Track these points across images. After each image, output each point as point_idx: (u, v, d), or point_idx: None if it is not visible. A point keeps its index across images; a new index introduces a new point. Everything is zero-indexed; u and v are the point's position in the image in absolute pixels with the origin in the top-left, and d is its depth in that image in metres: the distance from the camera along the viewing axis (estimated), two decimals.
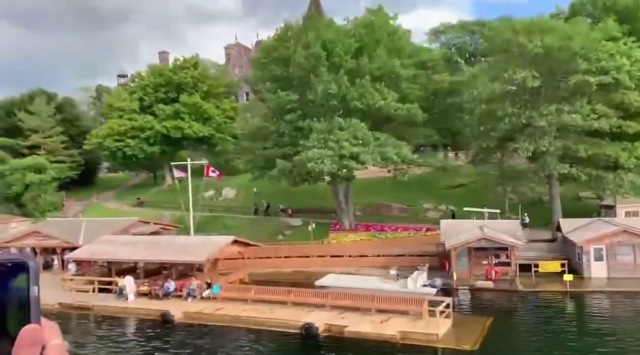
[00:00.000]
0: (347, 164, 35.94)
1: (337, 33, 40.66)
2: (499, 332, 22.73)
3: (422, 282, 29.52)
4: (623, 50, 35.47)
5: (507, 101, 36.51)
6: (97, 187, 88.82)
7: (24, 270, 0.94)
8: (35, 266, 0.96)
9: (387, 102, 38.04)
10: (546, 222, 41.73)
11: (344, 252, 40.76)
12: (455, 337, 21.85)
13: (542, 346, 21.03)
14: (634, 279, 30.85)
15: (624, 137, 39.64)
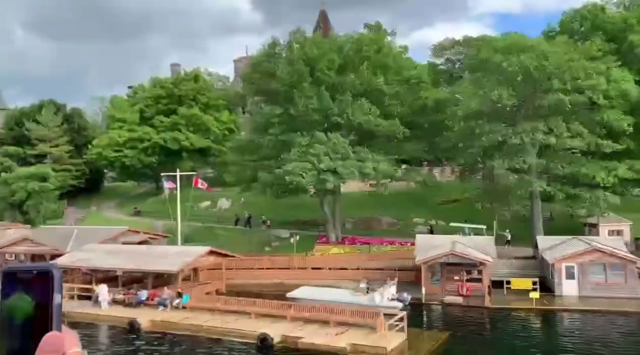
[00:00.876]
0: (324, 177, 36.56)
1: (321, 49, 41.57)
2: (451, 348, 22.97)
3: (389, 296, 29.86)
4: (601, 70, 35.73)
5: (485, 118, 36.92)
6: (103, 196, 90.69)
7: (48, 278, 0.98)
8: (59, 275, 1.00)
9: (367, 117, 38.68)
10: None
11: (324, 265, 41.18)
12: (403, 351, 22.15)
13: None
14: (605, 298, 30.78)
15: (607, 155, 39.77)
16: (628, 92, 35.17)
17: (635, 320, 27.54)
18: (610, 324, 26.96)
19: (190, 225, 59.26)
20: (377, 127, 39.54)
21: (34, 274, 0.99)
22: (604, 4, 50.60)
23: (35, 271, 0.99)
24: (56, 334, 0.96)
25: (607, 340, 24.58)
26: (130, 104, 73.37)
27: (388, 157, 41.73)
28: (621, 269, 31.43)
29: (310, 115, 39.25)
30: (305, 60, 40.15)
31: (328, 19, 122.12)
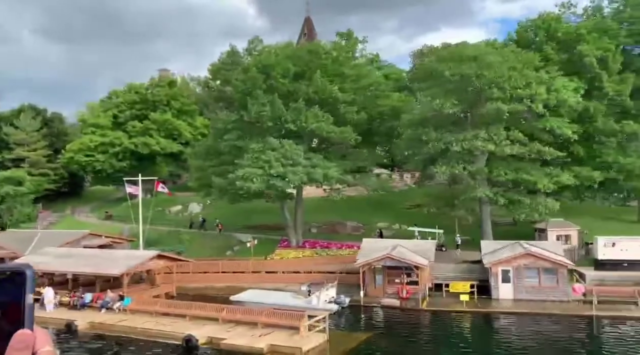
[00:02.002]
0: (274, 183, 37.43)
1: (277, 57, 42.54)
2: (370, 348, 23.86)
3: (326, 299, 30.74)
4: (543, 79, 36.83)
5: (431, 126, 37.94)
6: (82, 200, 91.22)
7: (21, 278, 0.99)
8: (31, 275, 1.00)
9: (319, 125, 39.62)
10: None
11: (278, 269, 41.98)
12: (324, 351, 23.00)
13: None
14: (539, 301, 31.77)
15: (553, 163, 40.91)
16: (567, 101, 36.23)
17: (559, 322, 28.46)
18: (534, 326, 27.89)
19: (157, 230, 60.09)
20: (329, 133, 40.47)
21: (7, 274, 1.01)
22: (560, 14, 51.98)
23: (8, 271, 1.01)
24: (27, 332, 0.97)
25: (526, 341, 25.52)
26: (104, 109, 74.11)
27: (344, 163, 42.66)
28: (554, 273, 32.45)
29: (264, 122, 40.15)
30: (260, 68, 41.08)
31: (313, 25, 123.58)
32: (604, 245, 37.32)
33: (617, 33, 49.61)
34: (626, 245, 36.99)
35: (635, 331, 26.93)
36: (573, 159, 44.09)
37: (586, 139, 43.36)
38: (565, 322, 28.35)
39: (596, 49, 43.87)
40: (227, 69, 43.61)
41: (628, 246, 36.90)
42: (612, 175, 41.48)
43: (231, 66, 44.93)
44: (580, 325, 27.99)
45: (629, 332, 26.79)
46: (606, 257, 36.88)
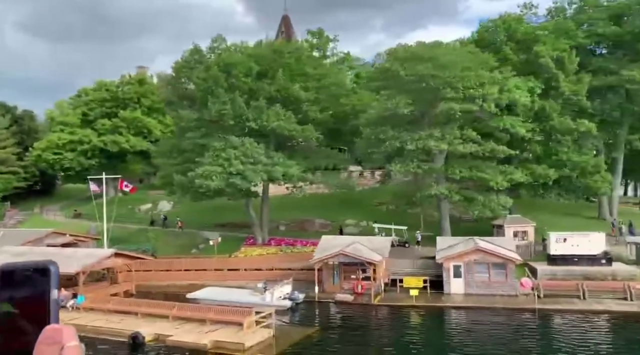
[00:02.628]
0: (233, 181, 37.73)
1: (239, 56, 42.78)
2: (312, 342, 24.43)
3: (280, 295, 31.26)
4: (496, 79, 37.74)
5: (388, 125, 38.62)
6: (54, 198, 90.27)
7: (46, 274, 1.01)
8: (56, 271, 1.03)
9: (279, 123, 40.01)
10: None
11: (240, 266, 42.34)
12: (266, 347, 23.52)
13: None
14: (488, 296, 32.72)
15: (507, 160, 42.00)
16: (518, 101, 37.22)
17: (504, 316, 29.40)
18: (478, 319, 28.80)
19: (126, 228, 59.97)
20: (290, 132, 40.89)
21: (32, 271, 1.02)
22: (522, 14, 53.13)
23: (33, 268, 1.02)
24: (55, 327, 1.00)
25: (470, 334, 26.37)
26: (73, 107, 73.39)
27: (306, 162, 43.16)
28: (503, 268, 33.42)
29: (225, 120, 40.39)
30: (222, 67, 41.28)
31: (291, 23, 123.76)
32: (555, 241, 38.50)
33: (576, 34, 50.98)
34: (577, 240, 38.21)
35: (575, 323, 27.97)
36: (533, 156, 45.32)
37: (543, 137, 44.50)
38: (511, 316, 29.31)
39: (552, 50, 45.04)
40: (191, 67, 43.68)
41: (578, 242, 38.13)
42: (566, 173, 42.65)
43: (194, 64, 44.99)
44: (524, 318, 28.95)
45: (569, 324, 27.83)
46: (558, 252, 38.05)
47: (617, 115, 52.09)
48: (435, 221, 47.98)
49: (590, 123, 44.03)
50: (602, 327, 27.00)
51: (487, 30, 49.42)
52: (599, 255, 37.69)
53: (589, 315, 28.71)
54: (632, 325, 27.36)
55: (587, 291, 31.54)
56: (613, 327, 27.01)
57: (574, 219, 58.07)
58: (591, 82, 50.20)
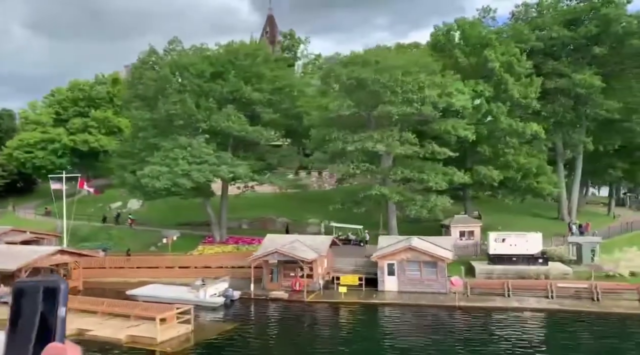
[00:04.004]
0: (178, 181, 38.65)
1: (192, 57, 43.67)
2: (227, 337, 25.43)
3: (214, 292, 32.23)
4: (436, 82, 38.69)
5: (335, 127, 39.58)
6: (33, 196, 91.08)
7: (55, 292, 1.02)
8: (65, 289, 1.03)
9: (228, 124, 40.93)
10: None
11: (190, 264, 43.26)
12: (183, 341, 24.49)
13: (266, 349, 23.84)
14: (419, 293, 33.75)
15: (459, 162, 43.03)
16: (455, 104, 38.20)
17: (431, 312, 30.44)
18: (404, 316, 29.83)
19: (91, 226, 60.98)
20: (240, 133, 41.81)
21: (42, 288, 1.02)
22: (480, 18, 54.12)
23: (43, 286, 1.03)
24: (58, 345, 0.99)
25: (393, 329, 27.39)
26: (47, 106, 74.23)
27: (256, 163, 44.11)
28: (433, 266, 34.43)
29: (175, 121, 41.30)
30: (173, 68, 42.17)
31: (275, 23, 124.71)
32: (494, 241, 39.54)
33: (529, 38, 52.02)
34: (515, 240, 39.26)
35: (488, 319, 28.99)
36: (483, 158, 46.33)
37: (492, 139, 45.50)
38: (432, 312, 30.31)
39: (501, 54, 46.02)
40: (146, 68, 44.56)
41: (516, 241, 39.18)
42: (511, 174, 43.68)
43: (151, 66, 45.86)
44: (444, 314, 29.94)
45: (485, 320, 28.86)
46: (497, 251, 39.10)
47: (571, 117, 53.23)
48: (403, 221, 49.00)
49: (537, 125, 45.08)
50: (514, 323, 27.99)
51: (441, 34, 50.26)
52: (536, 254, 38.75)
53: (508, 312, 29.75)
54: (547, 320, 28.41)
55: (512, 289, 32.57)
56: (526, 323, 28.00)
57: (535, 219, 59.28)
58: (543, 85, 51.40)
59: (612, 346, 23.91)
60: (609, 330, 26.49)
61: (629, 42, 50.04)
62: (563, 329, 26.87)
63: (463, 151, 47.09)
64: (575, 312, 29.18)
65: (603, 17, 51.47)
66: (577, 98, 51.81)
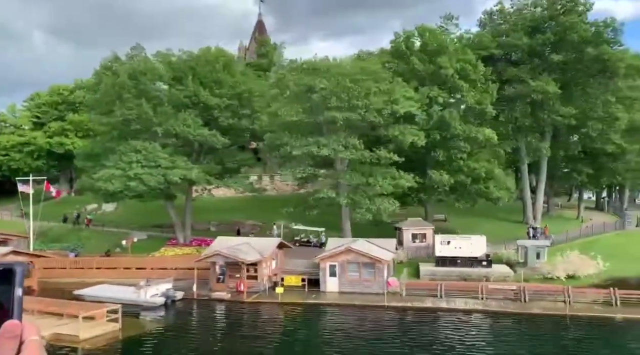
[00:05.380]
0: (130, 184, 39.74)
1: (153, 63, 44.87)
2: (153, 335, 26.45)
3: (154, 293, 33.25)
4: (383, 89, 39.72)
5: (286, 132, 40.66)
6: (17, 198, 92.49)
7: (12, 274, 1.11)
8: (21, 271, 1.13)
9: (183, 128, 42.06)
10: None
11: (147, 265, 44.22)
12: (109, 339, 25.52)
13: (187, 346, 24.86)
14: (358, 294, 34.72)
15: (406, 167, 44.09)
16: (399, 110, 39.24)
17: (365, 312, 31.42)
18: (335, 316, 30.82)
19: (62, 227, 62.23)
20: (195, 137, 42.93)
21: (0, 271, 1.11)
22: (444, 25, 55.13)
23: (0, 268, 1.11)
24: (15, 322, 1.06)
25: (310, 326, 28.38)
26: (26, 110, 75.63)
27: (213, 167, 45.22)
28: (372, 267, 35.40)
29: (132, 125, 42.45)
30: (131, 74, 43.35)
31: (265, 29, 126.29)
32: (440, 243, 40.55)
33: (489, 45, 53.11)
34: (459, 243, 40.28)
35: (423, 318, 29.93)
36: (437, 162, 47.32)
37: (445, 144, 46.47)
38: (365, 312, 31.27)
39: (457, 61, 47.05)
40: (107, 74, 45.74)
41: (461, 244, 40.19)
42: (461, 178, 44.64)
43: (114, 71, 47.01)
44: (373, 313, 30.88)
45: (410, 319, 29.84)
46: (442, 254, 40.12)
47: (530, 123, 54.20)
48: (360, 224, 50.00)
49: (490, 131, 46.02)
50: (432, 322, 28.96)
51: (401, 42, 51.24)
52: (480, 257, 39.71)
53: (434, 313, 30.71)
54: (465, 320, 29.32)
55: (445, 290, 33.51)
56: (449, 322, 28.91)
57: (499, 223, 60.31)
58: (503, 91, 52.44)
59: (512, 344, 24.86)
60: (522, 329, 27.46)
61: (585, 50, 51.04)
62: (478, 328, 27.85)
63: (421, 156, 48.17)
64: (497, 312, 30.14)
65: (561, 26, 52.58)
66: (535, 104, 52.82)
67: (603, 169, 63.66)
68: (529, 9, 56.85)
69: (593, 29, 52.33)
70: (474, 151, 47.44)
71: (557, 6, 54.39)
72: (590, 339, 26.01)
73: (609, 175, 64.68)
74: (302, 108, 38.75)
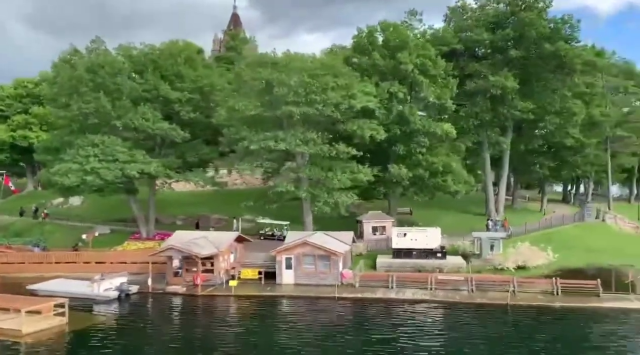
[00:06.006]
0: (86, 178, 39.52)
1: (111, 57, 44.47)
2: (98, 328, 26.63)
3: (107, 287, 33.34)
4: (341, 84, 40.09)
5: (244, 125, 40.83)
6: None
7: None
8: None
9: (141, 122, 41.87)
10: None
11: (106, 260, 44.08)
12: (56, 333, 25.61)
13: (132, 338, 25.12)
14: (314, 286, 35.32)
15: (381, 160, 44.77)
16: (356, 106, 39.74)
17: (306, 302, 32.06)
18: (286, 307, 31.38)
19: (28, 221, 61.50)
20: (154, 131, 42.80)
21: None
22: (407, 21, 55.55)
23: None
24: None
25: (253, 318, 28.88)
26: None
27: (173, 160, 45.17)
28: (327, 260, 36.01)
29: (90, 118, 42.11)
30: (89, 67, 42.92)
31: (240, 21, 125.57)
32: (397, 236, 41.34)
33: (451, 41, 53.85)
34: (415, 235, 41.13)
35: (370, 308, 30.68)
36: (397, 157, 47.98)
37: (405, 138, 47.16)
38: (315, 303, 31.88)
39: (417, 57, 47.63)
40: (65, 67, 45.15)
41: (417, 236, 41.06)
42: (419, 172, 45.43)
43: (71, 64, 46.41)
44: (327, 305, 31.49)
45: (367, 310, 30.55)
46: (399, 246, 40.91)
47: (490, 117, 55.31)
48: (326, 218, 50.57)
49: (449, 125, 46.84)
50: (384, 312, 29.74)
51: (363, 37, 51.55)
52: (435, 249, 40.64)
53: (387, 303, 31.50)
54: (415, 309, 30.13)
55: (396, 282, 34.32)
56: (394, 312, 29.68)
57: (463, 215, 61.53)
58: (463, 87, 53.35)
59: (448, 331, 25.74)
60: (463, 318, 28.40)
61: (543, 46, 52.16)
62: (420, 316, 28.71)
63: (384, 150, 48.85)
64: (442, 302, 31.11)
65: (521, 22, 53.59)
66: (495, 99, 53.90)
67: (564, 162, 65.47)
68: (492, 5, 57.70)
69: (552, 26, 53.46)
70: (434, 145, 48.19)
71: (518, 2, 55.38)
72: (527, 326, 27.05)
73: (570, 169, 66.57)
74: (261, 102, 38.92)
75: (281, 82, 38.36)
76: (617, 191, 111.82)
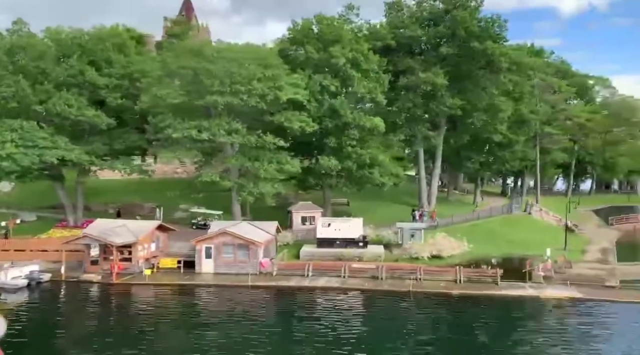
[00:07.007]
0: (1, 164, 38.43)
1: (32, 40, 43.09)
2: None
3: (16, 275, 32.79)
4: (268, 76, 40.45)
5: (170, 114, 40.65)
6: None
7: None
8: None
9: (64, 108, 40.94)
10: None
11: (27, 247, 43.01)
12: None
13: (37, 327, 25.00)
14: (233, 275, 35.91)
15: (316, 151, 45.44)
16: (280, 98, 40.34)
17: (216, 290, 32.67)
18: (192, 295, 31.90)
19: None
20: (78, 117, 41.94)
21: None
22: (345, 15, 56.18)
23: None
24: None
25: (157, 306, 29.23)
26: None
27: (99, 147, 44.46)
28: (246, 249, 36.64)
29: (9, 103, 40.80)
30: (8, 50, 41.49)
31: (192, 7, 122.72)
32: (321, 226, 42.40)
33: (385, 36, 55.03)
34: (339, 225, 42.32)
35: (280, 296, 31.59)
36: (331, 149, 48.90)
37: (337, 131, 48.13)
38: (229, 291, 32.48)
39: (349, 51, 48.48)
40: None
41: (340, 226, 42.25)
42: (348, 165, 46.57)
43: None
44: (240, 293, 32.16)
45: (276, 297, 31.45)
46: (323, 235, 41.96)
47: (420, 113, 57.12)
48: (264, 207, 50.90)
49: (378, 119, 48.07)
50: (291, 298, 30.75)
51: (298, 30, 51.90)
52: (357, 238, 41.95)
53: (298, 290, 32.50)
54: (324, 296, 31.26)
55: (312, 270, 35.37)
56: (302, 299, 30.73)
57: (397, 206, 63.38)
58: (397, 82, 54.79)
59: (349, 316, 27.00)
60: (364, 303, 29.80)
61: (473, 44, 54.10)
62: (325, 301, 29.90)
63: (317, 142, 49.70)
64: (351, 289, 32.43)
65: (454, 20, 55.33)
66: (427, 95, 55.64)
67: (495, 157, 68.48)
68: (428, 2, 59.21)
69: (482, 24, 55.47)
70: (366, 138, 49.38)
71: (452, 0, 57.08)
72: (423, 310, 28.72)
73: (499, 163, 69.70)
74: (187, 91, 38.83)
75: (207, 71, 38.37)
76: (561, 186, 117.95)
